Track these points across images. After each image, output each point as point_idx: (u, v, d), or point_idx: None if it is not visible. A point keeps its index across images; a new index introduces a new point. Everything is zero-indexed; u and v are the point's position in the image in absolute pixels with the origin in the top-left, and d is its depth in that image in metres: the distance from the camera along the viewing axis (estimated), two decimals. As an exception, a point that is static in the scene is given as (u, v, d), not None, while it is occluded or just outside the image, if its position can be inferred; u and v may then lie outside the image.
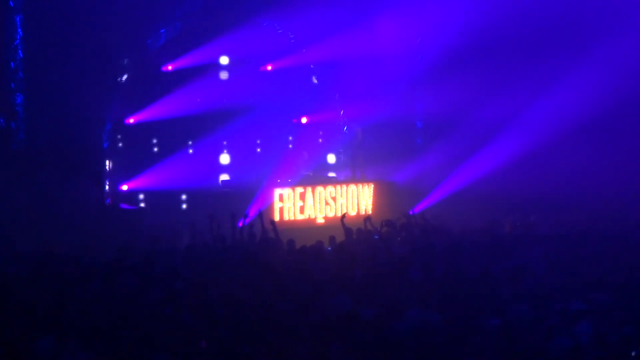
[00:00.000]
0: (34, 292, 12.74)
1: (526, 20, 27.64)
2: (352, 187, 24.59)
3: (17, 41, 22.17)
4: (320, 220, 23.95)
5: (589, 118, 27.29)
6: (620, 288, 13.36)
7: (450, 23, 26.94)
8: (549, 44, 28.48)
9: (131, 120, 24.17)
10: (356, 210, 24.19)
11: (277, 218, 22.58)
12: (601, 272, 14.56)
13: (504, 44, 28.03)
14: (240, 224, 18.30)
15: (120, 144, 24.10)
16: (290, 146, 26.86)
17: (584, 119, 27.28)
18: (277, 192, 23.58)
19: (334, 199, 24.18)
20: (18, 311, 11.69)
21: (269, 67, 26.64)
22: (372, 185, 24.88)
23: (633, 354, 10.48)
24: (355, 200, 24.49)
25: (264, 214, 18.92)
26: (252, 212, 20.57)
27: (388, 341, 10.82)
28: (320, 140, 27.67)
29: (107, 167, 23.51)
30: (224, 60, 25.83)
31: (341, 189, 24.40)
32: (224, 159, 25.70)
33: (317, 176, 25.84)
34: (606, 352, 10.70)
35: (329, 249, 17.26)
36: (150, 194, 24.01)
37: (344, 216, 19.27)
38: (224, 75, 25.84)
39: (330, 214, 23.93)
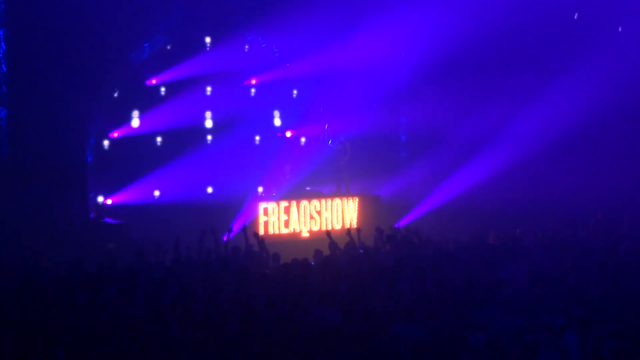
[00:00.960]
0: (20, 305, 12.68)
1: (511, 34, 27.77)
2: (337, 201, 24.62)
3: (1, 55, 22.11)
4: (305, 234, 23.96)
5: (573, 131, 27.44)
6: (604, 301, 13.38)
7: (434, 37, 27.01)
8: (531, 59, 28.63)
9: (115, 134, 24.14)
10: (341, 224, 24.22)
11: (262, 232, 22.56)
12: (585, 284, 14.57)
13: (488, 58, 28.17)
14: (225, 238, 18.29)
15: (104, 158, 24.03)
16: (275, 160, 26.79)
17: (568, 132, 27.43)
18: (262, 205, 23.57)
19: (318, 212, 24.20)
20: (4, 325, 11.63)
21: (253, 81, 26.66)
22: (357, 199, 24.91)
23: None
24: (340, 214, 24.52)
25: (248, 227, 18.88)
26: (237, 226, 20.54)
27: (373, 356, 10.79)
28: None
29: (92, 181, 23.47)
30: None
31: (326, 203, 24.42)
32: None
33: (301, 191, 25.84)
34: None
35: (313, 263, 17.21)
36: (134, 208, 23.93)
37: (329, 232, 19.21)
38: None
39: (315, 228, 23.95)
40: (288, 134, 27.15)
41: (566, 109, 27.62)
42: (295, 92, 27.42)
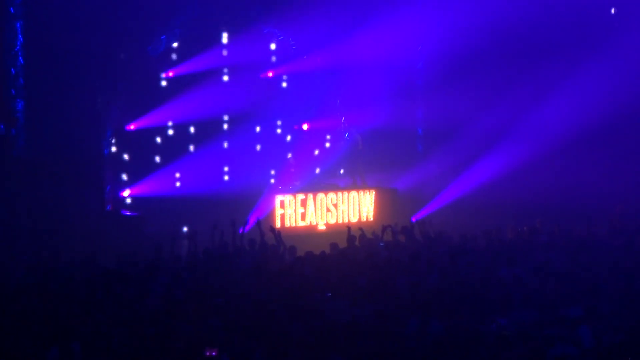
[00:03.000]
0: (38, 300, 12.68)
1: (526, 30, 27.63)
2: (354, 194, 24.57)
3: (18, 47, 22.15)
4: (321, 227, 23.91)
5: (589, 126, 27.29)
6: (618, 295, 13.33)
7: (452, 30, 26.94)
8: (549, 53, 28.46)
9: (132, 127, 24.14)
10: (357, 217, 24.17)
11: (278, 225, 22.56)
12: (599, 279, 14.52)
13: (505, 52, 28.04)
14: (241, 231, 18.28)
15: (120, 151, 24.03)
16: (290, 154, 26.68)
17: (584, 127, 27.28)
18: (278, 198, 23.55)
19: (335, 205, 24.16)
20: (22, 320, 11.65)
21: (270, 74, 26.62)
22: (374, 192, 24.85)
23: None
24: (356, 207, 24.46)
25: (262, 222, 18.86)
26: (253, 219, 20.53)
27: (389, 350, 10.76)
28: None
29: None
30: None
31: (342, 195, 24.38)
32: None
33: (318, 183, 25.80)
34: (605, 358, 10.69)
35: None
36: (151, 201, 23.93)
37: (349, 229, 19.06)
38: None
39: (332, 221, 23.91)
40: (305, 126, 27.10)
41: (586, 104, 27.46)
42: (312, 84, 27.33)
